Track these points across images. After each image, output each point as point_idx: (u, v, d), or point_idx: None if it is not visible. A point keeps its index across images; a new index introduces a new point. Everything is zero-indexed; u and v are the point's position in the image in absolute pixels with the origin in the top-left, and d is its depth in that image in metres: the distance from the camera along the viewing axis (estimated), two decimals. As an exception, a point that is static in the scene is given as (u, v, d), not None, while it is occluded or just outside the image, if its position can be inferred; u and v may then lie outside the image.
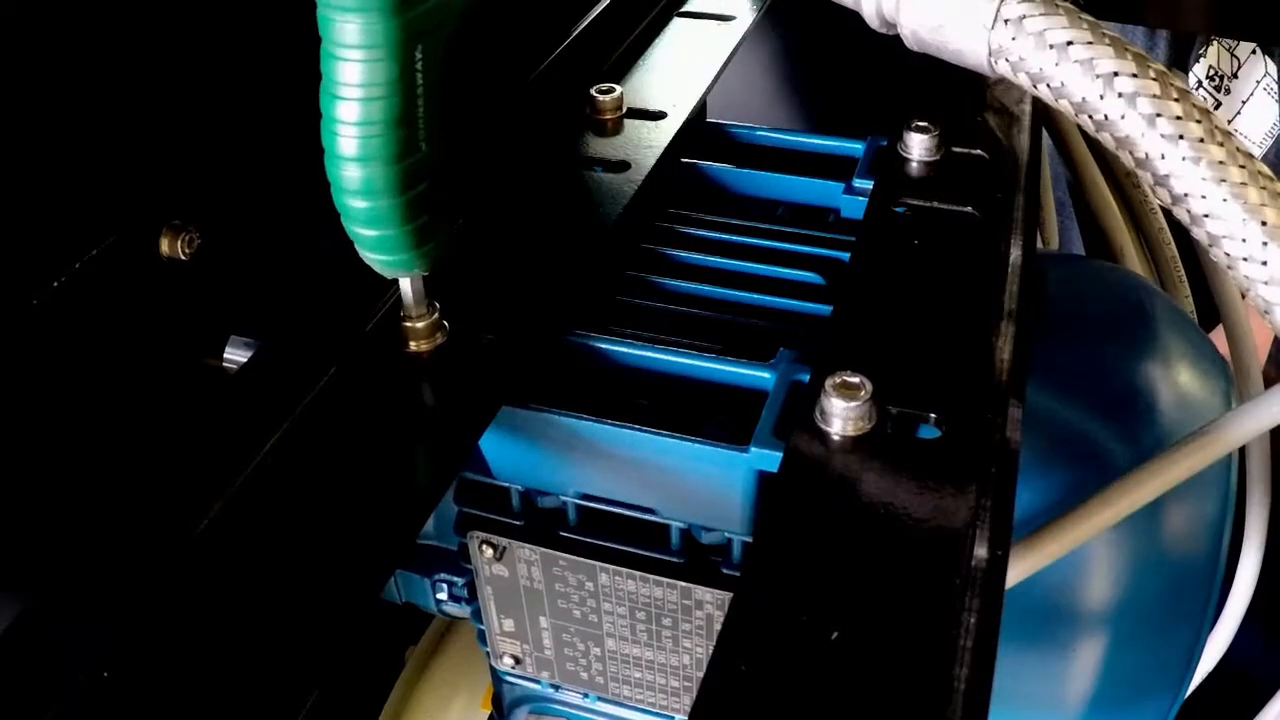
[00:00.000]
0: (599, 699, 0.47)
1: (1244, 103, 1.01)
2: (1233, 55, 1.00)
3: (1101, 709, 0.51)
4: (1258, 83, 0.99)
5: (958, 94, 0.47)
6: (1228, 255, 0.32)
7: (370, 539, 0.31)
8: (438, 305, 0.36)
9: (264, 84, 0.37)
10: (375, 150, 0.30)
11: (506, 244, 0.41)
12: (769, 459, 0.35)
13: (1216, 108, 1.01)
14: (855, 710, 0.25)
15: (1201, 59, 1.00)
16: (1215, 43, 0.99)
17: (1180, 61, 1.00)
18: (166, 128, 0.35)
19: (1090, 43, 0.32)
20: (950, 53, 0.38)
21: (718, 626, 0.39)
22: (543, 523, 0.42)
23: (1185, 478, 0.41)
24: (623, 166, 0.45)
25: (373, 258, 0.33)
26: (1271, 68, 0.98)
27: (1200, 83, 1.00)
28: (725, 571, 0.41)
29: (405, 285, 0.35)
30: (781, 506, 0.31)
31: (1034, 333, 0.37)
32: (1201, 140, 0.31)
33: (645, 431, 0.37)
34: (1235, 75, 1.00)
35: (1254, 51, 0.99)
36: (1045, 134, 0.66)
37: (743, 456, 0.35)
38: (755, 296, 0.43)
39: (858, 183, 0.47)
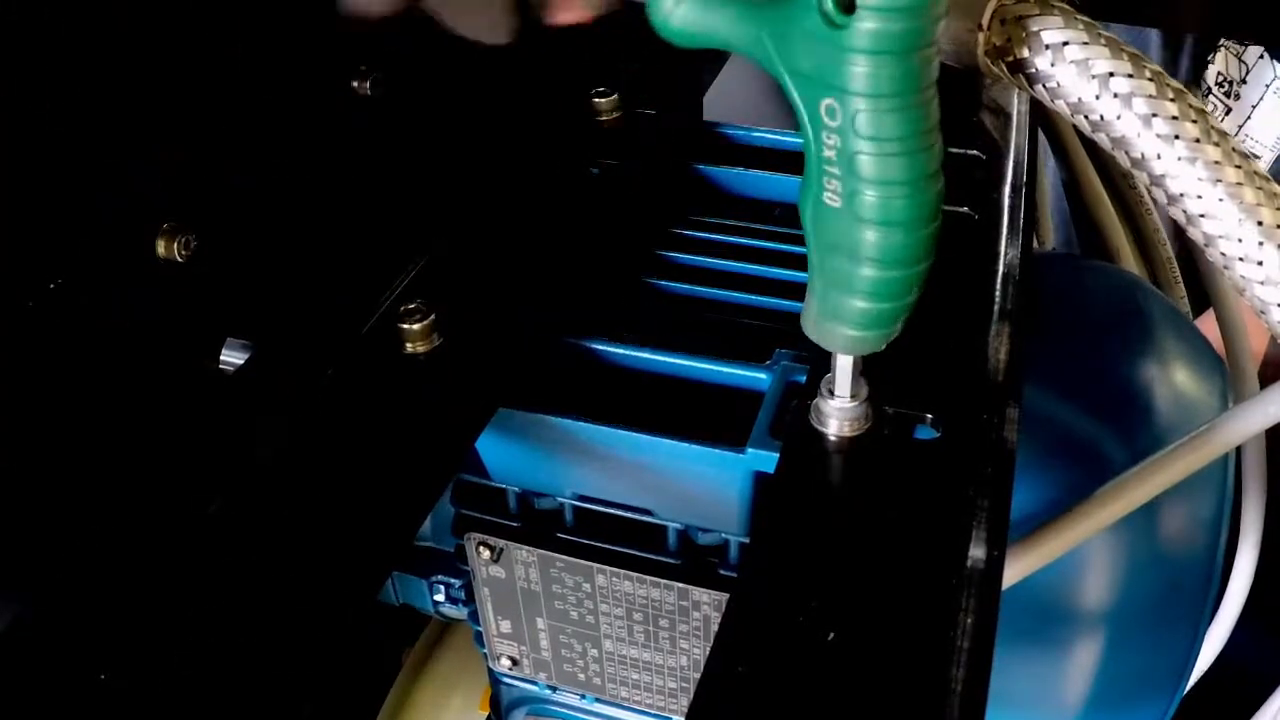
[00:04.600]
0: (596, 700, 0.47)
1: (1254, 107, 1.01)
2: (1240, 60, 1.00)
3: (1099, 708, 0.51)
4: (1267, 86, 0.99)
5: (953, 94, 0.47)
6: (1224, 255, 0.32)
7: (367, 540, 0.31)
8: (435, 310, 0.36)
9: (262, 85, 0.37)
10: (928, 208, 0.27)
11: (503, 245, 0.41)
12: (765, 460, 0.35)
13: (1227, 114, 1.02)
14: (852, 711, 0.25)
15: (1210, 64, 1.00)
16: (1223, 49, 0.99)
17: (1195, 72, 1.00)
18: (164, 128, 0.35)
19: (1086, 43, 0.32)
20: (945, 52, 0.38)
21: (714, 627, 0.39)
22: (540, 524, 0.42)
23: (1182, 477, 0.41)
24: (621, 168, 0.45)
25: (861, 334, 0.29)
26: None
27: (1210, 89, 1.00)
28: (722, 572, 0.41)
29: (846, 363, 0.31)
30: (778, 507, 0.31)
31: (1030, 333, 0.37)
32: (1198, 140, 0.31)
33: (642, 433, 0.37)
34: (1244, 80, 1.00)
35: (1262, 56, 0.99)
36: (1041, 133, 0.66)
37: (739, 457, 0.35)
38: (752, 297, 0.43)
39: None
